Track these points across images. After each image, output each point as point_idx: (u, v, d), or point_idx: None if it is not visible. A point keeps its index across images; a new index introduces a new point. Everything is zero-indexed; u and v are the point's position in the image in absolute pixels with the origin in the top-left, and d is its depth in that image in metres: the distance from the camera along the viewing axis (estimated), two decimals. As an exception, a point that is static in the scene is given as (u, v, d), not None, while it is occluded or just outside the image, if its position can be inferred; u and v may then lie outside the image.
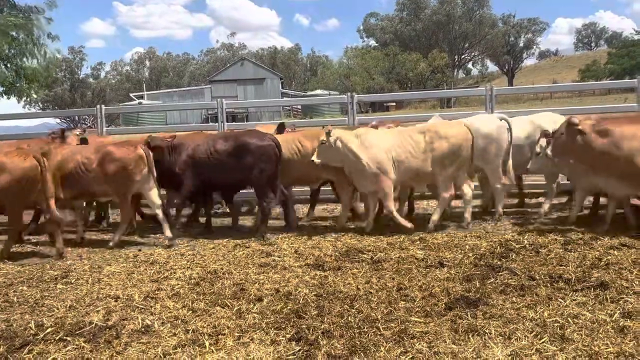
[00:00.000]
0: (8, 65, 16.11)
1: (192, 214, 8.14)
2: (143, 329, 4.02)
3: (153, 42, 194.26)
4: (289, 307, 4.30)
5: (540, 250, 5.59)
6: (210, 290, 4.83)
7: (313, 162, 6.78)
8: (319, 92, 54.29)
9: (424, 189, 7.71)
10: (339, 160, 6.81)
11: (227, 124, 9.54)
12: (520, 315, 3.94)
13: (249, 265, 5.58)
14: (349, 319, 3.99)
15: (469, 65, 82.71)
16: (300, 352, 3.55)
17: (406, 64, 66.29)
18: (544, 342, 3.50)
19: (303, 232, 6.99)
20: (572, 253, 5.41)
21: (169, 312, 4.33)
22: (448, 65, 69.91)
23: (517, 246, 5.76)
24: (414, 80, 67.04)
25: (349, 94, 9.49)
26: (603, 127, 6.05)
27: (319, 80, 71.13)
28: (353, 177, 6.89)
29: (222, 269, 5.47)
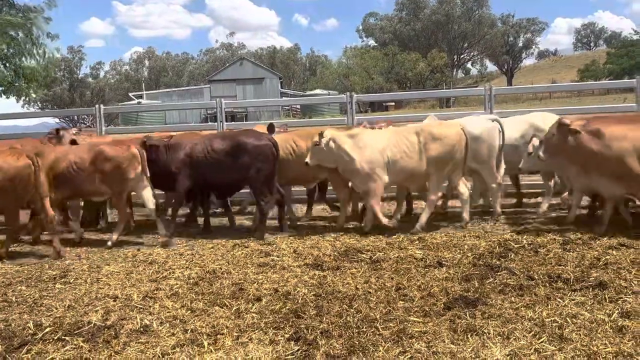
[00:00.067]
0: (7, 65, 16.09)
1: (190, 214, 8.14)
2: (142, 329, 4.02)
3: (152, 42, 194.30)
4: (287, 307, 4.29)
5: (539, 250, 5.59)
6: (209, 290, 4.83)
7: (306, 164, 6.78)
8: (318, 91, 54.24)
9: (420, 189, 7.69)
10: (332, 161, 6.79)
11: (226, 124, 9.53)
12: (519, 315, 3.94)
13: (248, 265, 5.57)
14: (348, 319, 3.99)
15: (468, 65, 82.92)
16: (299, 351, 3.55)
17: (405, 63, 66.34)
18: (542, 341, 3.50)
19: (302, 232, 6.99)
20: (571, 253, 5.41)
21: (168, 312, 4.33)
22: (447, 65, 69.97)
23: (515, 246, 5.76)
24: (413, 80, 67.10)
25: (348, 94, 9.47)
26: (594, 128, 6.07)
27: (318, 80, 71.12)
28: (348, 178, 6.89)
29: (221, 268, 5.47)
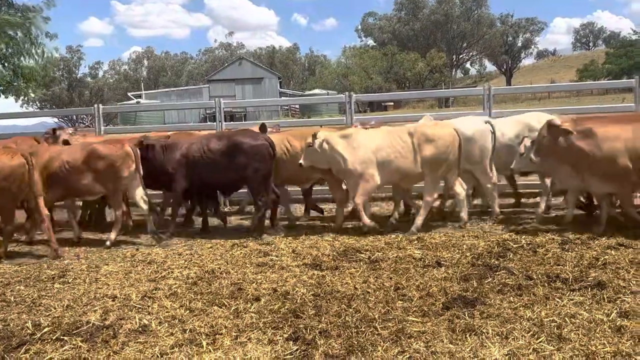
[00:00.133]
0: (5, 64, 16.09)
1: (187, 214, 8.12)
2: (140, 329, 4.01)
3: (151, 42, 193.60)
4: (286, 307, 4.29)
5: (538, 249, 5.59)
6: (207, 289, 4.82)
7: (300, 166, 6.77)
8: (317, 91, 54.28)
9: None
10: (325, 162, 6.78)
11: (225, 124, 9.53)
12: (518, 315, 3.94)
13: (247, 265, 5.57)
14: (347, 319, 3.99)
15: (467, 65, 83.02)
16: (297, 351, 3.55)
17: (404, 63, 66.36)
18: (541, 341, 3.50)
19: (301, 232, 6.99)
20: (570, 253, 5.42)
21: (167, 312, 4.33)
22: (446, 64, 70.01)
23: (514, 246, 5.77)
24: (412, 79, 67.13)
25: (347, 94, 9.48)
26: (585, 128, 6.08)
27: (317, 80, 71.11)
28: (341, 178, 6.88)
29: (220, 268, 5.47)
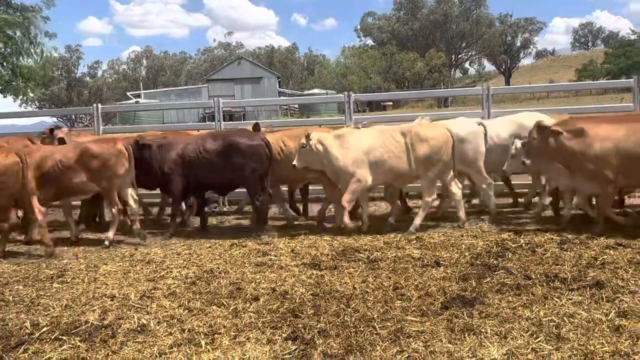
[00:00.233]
0: (4, 64, 16.10)
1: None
2: (139, 328, 4.01)
3: (150, 41, 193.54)
4: (285, 307, 4.29)
5: (537, 249, 5.59)
6: (206, 289, 4.82)
7: (294, 167, 6.76)
8: (316, 91, 54.24)
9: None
10: (318, 163, 6.76)
11: (223, 123, 9.53)
12: (516, 315, 3.94)
13: (246, 265, 5.57)
14: (345, 318, 3.99)
15: (466, 64, 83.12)
16: (296, 351, 3.55)
17: (403, 63, 66.42)
18: (539, 341, 3.50)
19: (300, 232, 6.99)
20: (568, 252, 5.42)
21: (165, 312, 4.32)
22: (445, 64, 70.07)
23: (513, 245, 5.77)
24: (411, 79, 67.20)
25: (346, 93, 9.48)
26: (574, 128, 6.10)
27: (316, 80, 71.10)
28: (333, 178, 6.89)
29: (219, 268, 5.46)
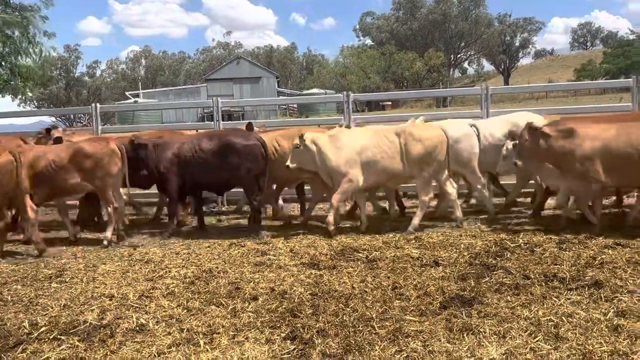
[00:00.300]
0: (3, 64, 16.09)
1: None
2: (138, 328, 4.01)
3: (149, 41, 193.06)
4: (284, 306, 4.29)
5: (535, 249, 5.60)
6: (205, 289, 4.82)
7: (287, 167, 6.75)
8: (315, 90, 54.20)
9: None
10: (312, 163, 6.74)
11: (222, 123, 9.52)
12: (515, 314, 3.95)
13: (244, 264, 5.57)
14: (344, 318, 3.99)
15: (465, 64, 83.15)
16: (295, 350, 3.55)
17: (402, 63, 66.42)
18: (538, 340, 3.51)
19: (298, 231, 6.99)
20: (567, 252, 5.43)
21: (164, 311, 4.32)
22: (444, 64, 70.12)
23: (512, 245, 5.77)
24: (410, 79, 67.21)
25: (344, 93, 9.48)
26: (565, 128, 6.11)
27: (315, 79, 71.09)
28: (325, 179, 6.89)
29: (217, 267, 5.46)
